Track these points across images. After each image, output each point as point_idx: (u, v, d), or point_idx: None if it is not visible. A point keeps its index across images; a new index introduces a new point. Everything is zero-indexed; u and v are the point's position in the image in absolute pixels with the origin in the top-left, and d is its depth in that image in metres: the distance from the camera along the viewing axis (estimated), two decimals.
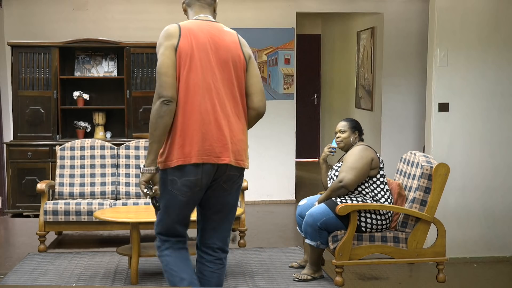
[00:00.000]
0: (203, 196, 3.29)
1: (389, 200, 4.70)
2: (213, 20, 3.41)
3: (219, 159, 3.19)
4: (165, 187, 3.24)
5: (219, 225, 3.41)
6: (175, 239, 3.34)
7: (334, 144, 4.95)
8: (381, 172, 4.73)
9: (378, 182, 4.71)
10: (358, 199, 4.66)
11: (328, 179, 4.92)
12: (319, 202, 4.70)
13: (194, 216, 3.45)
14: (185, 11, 3.56)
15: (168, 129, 3.18)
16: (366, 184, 4.69)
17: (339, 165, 4.84)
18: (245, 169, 3.35)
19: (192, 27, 3.32)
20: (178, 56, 3.23)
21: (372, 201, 4.67)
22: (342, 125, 4.94)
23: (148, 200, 5.97)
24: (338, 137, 4.91)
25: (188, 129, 3.17)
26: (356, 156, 4.68)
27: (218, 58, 3.26)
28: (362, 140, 4.93)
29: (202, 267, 3.41)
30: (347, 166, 4.66)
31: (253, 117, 3.36)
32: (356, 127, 4.91)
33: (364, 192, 4.68)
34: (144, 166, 3.20)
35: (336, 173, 4.77)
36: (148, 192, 3.20)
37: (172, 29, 3.33)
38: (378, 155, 4.78)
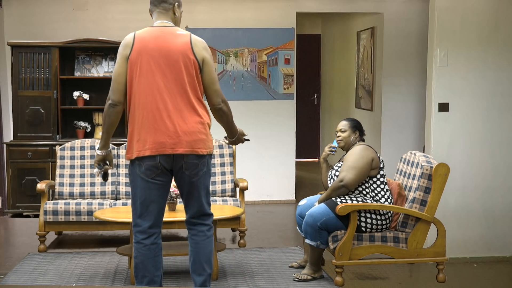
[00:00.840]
0: (176, 180, 3.83)
1: (389, 200, 4.70)
2: (168, 25, 3.82)
3: (173, 150, 3.69)
4: (134, 175, 3.79)
5: (195, 205, 3.91)
6: (148, 234, 3.82)
7: (335, 144, 4.95)
8: (381, 172, 4.73)
9: (378, 182, 4.71)
10: (358, 199, 4.66)
11: (328, 179, 4.92)
12: (320, 202, 4.69)
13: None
14: (152, 16, 3.95)
15: (115, 125, 3.80)
16: (367, 184, 4.69)
17: (339, 165, 4.83)
18: (209, 155, 3.82)
19: (145, 35, 3.76)
20: (130, 64, 3.72)
21: (372, 201, 4.67)
22: (342, 124, 4.93)
23: None
24: (339, 136, 4.89)
25: (143, 126, 3.70)
26: (356, 155, 4.68)
27: (168, 60, 3.69)
28: (363, 140, 4.93)
29: (190, 241, 3.97)
30: (348, 166, 4.66)
31: (215, 113, 3.92)
32: (356, 127, 4.90)
33: (364, 192, 4.68)
34: (97, 149, 3.91)
35: (337, 173, 4.77)
36: (98, 171, 3.95)
37: (128, 40, 3.78)
38: (378, 155, 4.77)
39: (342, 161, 4.82)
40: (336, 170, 4.80)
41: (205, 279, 3.93)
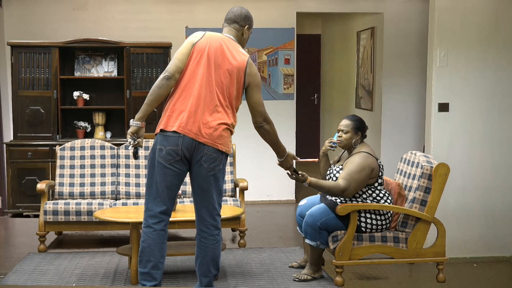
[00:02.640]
0: (190, 175, 4.00)
1: (388, 201, 4.70)
2: (233, 39, 4.14)
3: (197, 136, 3.91)
4: (153, 160, 3.97)
5: (207, 204, 4.01)
6: (157, 220, 3.99)
7: (335, 139, 4.87)
8: (379, 181, 4.70)
9: (373, 188, 4.68)
10: (358, 199, 4.65)
11: (327, 177, 4.90)
12: (310, 183, 4.56)
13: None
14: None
15: (162, 99, 4.00)
16: (364, 190, 4.67)
17: (340, 167, 4.79)
18: (226, 154, 4.02)
19: (214, 36, 4.09)
20: (193, 51, 4.00)
21: (372, 201, 4.67)
22: (345, 124, 4.81)
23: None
24: (340, 136, 4.81)
25: (179, 107, 3.95)
26: (358, 166, 4.58)
27: (223, 65, 3.99)
28: (365, 136, 4.84)
29: (198, 242, 4.08)
30: (350, 175, 4.56)
31: (259, 131, 4.36)
32: (359, 128, 4.79)
33: (364, 196, 4.67)
34: (133, 120, 4.01)
35: (337, 175, 4.73)
36: (131, 142, 3.99)
37: (199, 32, 4.13)
38: (379, 161, 4.71)
39: (342, 165, 4.76)
40: (338, 172, 4.74)
41: (210, 280, 4.10)
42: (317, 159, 4.99)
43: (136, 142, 4.02)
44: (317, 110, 11.55)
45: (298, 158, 4.50)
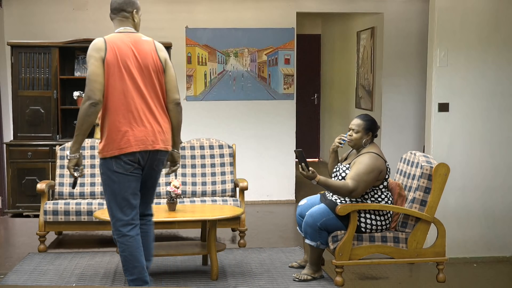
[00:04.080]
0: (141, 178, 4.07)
1: (389, 202, 4.69)
2: (133, 31, 4.06)
3: (152, 146, 3.99)
4: (109, 173, 3.98)
5: (149, 198, 4.27)
6: (135, 227, 4.06)
7: (346, 136, 4.84)
8: (384, 183, 4.69)
9: (376, 190, 4.66)
10: (358, 199, 4.65)
11: (333, 175, 4.87)
12: (318, 181, 4.53)
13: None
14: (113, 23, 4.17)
15: (92, 126, 3.91)
16: (367, 190, 4.65)
17: (347, 166, 4.75)
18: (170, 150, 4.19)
19: (115, 40, 3.98)
20: (107, 66, 3.90)
21: (372, 201, 4.66)
22: (357, 124, 4.77)
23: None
24: (351, 135, 4.77)
25: (123, 126, 3.91)
26: (367, 167, 4.56)
27: (140, 64, 3.96)
28: (376, 136, 4.81)
29: (146, 228, 4.28)
30: (359, 176, 4.54)
31: (173, 109, 4.14)
32: (371, 129, 4.76)
33: (366, 196, 4.67)
34: (70, 153, 3.95)
35: (343, 174, 4.71)
36: (77, 174, 4.00)
37: (99, 43, 3.96)
38: (387, 164, 4.69)
39: (349, 163, 4.74)
40: (344, 171, 4.73)
41: (150, 264, 4.30)
42: (317, 159, 4.98)
43: (80, 173, 4.03)
44: (317, 110, 11.55)
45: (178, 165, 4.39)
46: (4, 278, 4.91)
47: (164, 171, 4.35)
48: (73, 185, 4.12)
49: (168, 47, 7.21)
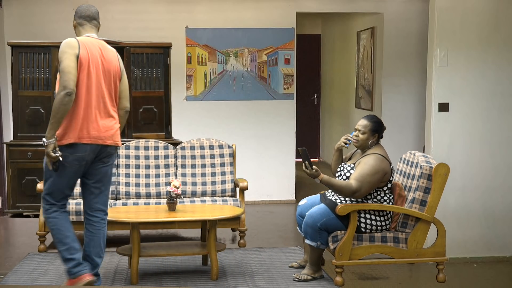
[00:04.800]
0: (88, 170, 4.34)
1: (390, 202, 4.69)
2: (99, 38, 4.43)
3: (103, 141, 4.30)
4: (59, 161, 4.21)
5: (101, 192, 4.44)
6: (61, 204, 4.34)
7: (352, 136, 4.81)
8: (388, 185, 4.68)
9: (379, 191, 4.66)
10: (358, 199, 4.65)
11: (337, 174, 4.86)
12: (322, 180, 4.52)
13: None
14: (75, 27, 4.49)
15: (67, 114, 4.15)
16: (371, 191, 4.65)
17: (351, 166, 4.74)
18: (119, 147, 4.59)
19: (87, 42, 4.32)
20: (79, 62, 4.20)
21: (373, 201, 4.66)
22: (363, 125, 4.74)
23: (148, 200, 5.99)
24: (357, 136, 4.74)
25: (82, 119, 4.22)
26: (372, 169, 4.55)
27: (105, 67, 4.32)
28: (381, 137, 4.80)
29: (90, 227, 4.41)
30: (363, 177, 4.53)
31: (123, 115, 4.51)
32: (377, 130, 4.73)
33: (368, 197, 4.66)
34: (47, 140, 4.12)
35: (348, 174, 4.70)
36: (58, 154, 4.15)
37: (73, 42, 4.27)
38: (391, 166, 4.68)
39: (354, 163, 4.73)
40: (349, 171, 4.71)
41: (101, 261, 4.43)
42: (317, 159, 4.97)
43: (59, 154, 4.18)
44: (317, 110, 11.55)
45: None
46: (4, 278, 4.91)
47: None
48: (56, 168, 4.24)
49: (168, 47, 7.21)
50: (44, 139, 4.15)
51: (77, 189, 6.01)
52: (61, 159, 4.18)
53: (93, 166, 4.35)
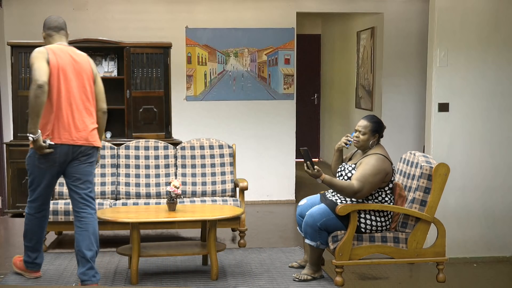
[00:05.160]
0: (66, 171, 4.55)
1: (391, 203, 4.69)
2: (67, 45, 4.65)
3: (75, 142, 4.48)
4: (34, 166, 4.50)
5: (84, 190, 4.58)
6: (39, 210, 4.65)
7: (352, 136, 4.79)
8: (390, 185, 4.68)
9: (380, 192, 4.65)
10: (359, 200, 4.64)
11: (337, 174, 4.85)
12: (324, 180, 4.51)
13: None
14: (45, 38, 4.70)
15: (43, 106, 4.34)
16: (372, 191, 4.65)
17: (352, 166, 4.74)
18: (99, 147, 4.67)
19: (55, 49, 4.54)
20: (50, 68, 4.42)
21: (373, 201, 4.66)
22: (363, 125, 4.73)
23: (148, 200, 5.99)
24: (357, 137, 4.74)
25: (54, 120, 4.43)
26: (374, 169, 4.54)
27: (76, 71, 4.52)
28: (381, 137, 4.80)
29: (79, 223, 4.57)
30: (364, 177, 4.52)
31: (100, 116, 4.73)
32: (377, 130, 4.73)
33: (369, 198, 4.65)
34: (34, 135, 4.33)
35: (349, 174, 4.69)
36: (47, 142, 4.38)
37: (42, 49, 4.50)
38: (393, 166, 4.68)
39: (355, 163, 4.73)
40: (350, 171, 4.70)
41: (93, 254, 4.53)
42: (317, 159, 4.96)
43: (49, 142, 4.42)
44: (317, 110, 11.55)
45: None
46: (4, 278, 4.91)
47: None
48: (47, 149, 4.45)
49: (168, 47, 7.22)
50: (31, 135, 4.32)
51: None
52: (51, 142, 4.39)
53: (70, 165, 4.53)
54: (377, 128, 4.74)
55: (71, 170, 4.54)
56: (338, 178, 4.79)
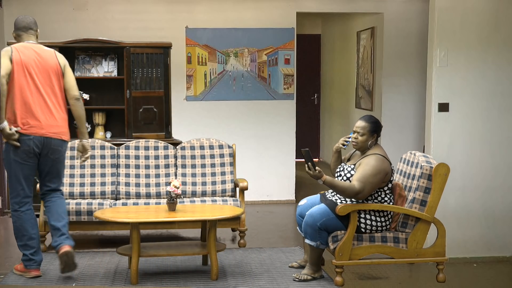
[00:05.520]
0: (38, 163, 4.82)
1: (390, 202, 4.69)
2: (35, 43, 4.92)
3: (43, 134, 4.73)
4: (10, 159, 4.77)
5: (53, 184, 4.98)
6: (23, 206, 4.87)
7: (351, 138, 4.80)
8: (389, 185, 4.68)
9: (379, 192, 4.65)
10: (359, 200, 4.64)
11: (336, 175, 4.85)
12: (325, 180, 4.51)
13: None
14: (15, 38, 4.98)
15: (4, 97, 4.62)
16: (372, 192, 4.64)
17: (352, 167, 4.73)
18: (67, 142, 4.93)
19: (21, 47, 4.83)
20: (13, 63, 4.71)
21: (373, 202, 4.66)
22: (361, 126, 4.72)
23: (148, 200, 5.99)
24: (356, 138, 4.73)
25: (21, 114, 4.69)
26: (374, 169, 4.54)
27: (41, 66, 4.78)
28: (379, 137, 4.80)
29: (47, 202, 5.00)
30: (365, 177, 4.52)
31: (74, 103, 4.93)
32: (375, 130, 4.72)
33: (369, 198, 4.65)
34: (2, 124, 4.62)
35: (348, 175, 4.68)
36: (14, 131, 4.66)
37: (7, 48, 4.81)
38: (392, 166, 4.68)
39: (354, 164, 4.73)
40: (349, 172, 4.70)
41: (64, 224, 4.86)
42: (317, 159, 4.95)
43: (15, 129, 4.68)
44: (317, 110, 11.55)
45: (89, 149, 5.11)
46: (4, 278, 4.91)
47: (78, 161, 5.32)
48: (18, 142, 4.70)
49: (168, 47, 7.21)
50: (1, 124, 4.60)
51: (77, 189, 6.04)
52: (18, 130, 4.64)
53: (41, 160, 4.82)
54: (375, 128, 4.74)
55: (42, 162, 4.82)
56: (337, 179, 4.79)
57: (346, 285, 4.71)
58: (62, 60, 4.93)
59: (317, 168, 4.50)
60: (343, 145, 4.86)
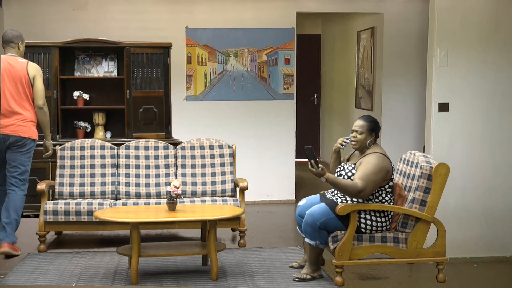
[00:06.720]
0: (5, 157, 5.37)
1: (391, 202, 4.69)
2: (14, 55, 5.46)
3: (4, 132, 5.27)
4: None
5: (12, 173, 5.36)
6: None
7: (349, 138, 4.82)
8: (390, 183, 4.68)
9: (380, 191, 4.65)
10: (359, 200, 4.64)
11: (336, 174, 4.85)
12: (327, 179, 4.51)
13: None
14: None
15: None
16: (374, 191, 4.64)
17: (352, 166, 4.73)
18: (30, 139, 5.41)
19: None
20: None
21: (373, 201, 4.66)
22: (360, 125, 4.75)
23: (148, 200, 5.99)
24: (355, 137, 4.74)
25: None
26: (375, 167, 4.55)
27: (10, 77, 5.33)
28: (378, 137, 4.80)
29: (5, 198, 5.35)
30: (367, 176, 4.52)
31: (38, 111, 5.44)
32: (374, 129, 4.74)
33: (370, 197, 4.65)
34: None
35: (349, 174, 4.67)
36: None
37: None
38: (392, 164, 4.69)
39: (354, 163, 4.72)
40: (350, 171, 4.70)
41: (10, 221, 5.22)
42: (317, 159, 4.95)
43: None
44: (317, 110, 11.55)
45: (50, 151, 5.71)
46: (4, 278, 4.91)
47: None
48: None
49: (168, 47, 7.21)
50: None
51: (77, 189, 6.04)
52: None
53: (7, 152, 5.35)
54: (373, 127, 4.75)
55: (7, 156, 5.37)
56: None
57: (346, 285, 4.71)
58: (33, 71, 5.43)
59: (320, 165, 4.50)
60: (342, 145, 4.86)
